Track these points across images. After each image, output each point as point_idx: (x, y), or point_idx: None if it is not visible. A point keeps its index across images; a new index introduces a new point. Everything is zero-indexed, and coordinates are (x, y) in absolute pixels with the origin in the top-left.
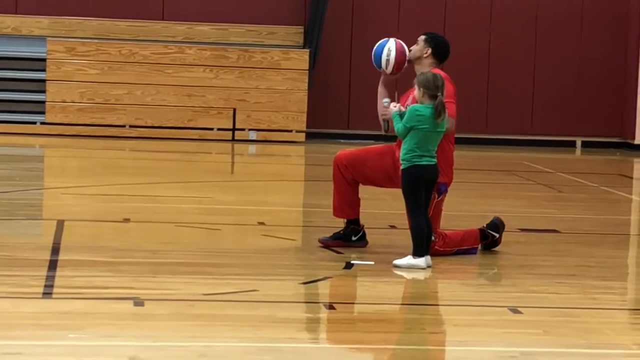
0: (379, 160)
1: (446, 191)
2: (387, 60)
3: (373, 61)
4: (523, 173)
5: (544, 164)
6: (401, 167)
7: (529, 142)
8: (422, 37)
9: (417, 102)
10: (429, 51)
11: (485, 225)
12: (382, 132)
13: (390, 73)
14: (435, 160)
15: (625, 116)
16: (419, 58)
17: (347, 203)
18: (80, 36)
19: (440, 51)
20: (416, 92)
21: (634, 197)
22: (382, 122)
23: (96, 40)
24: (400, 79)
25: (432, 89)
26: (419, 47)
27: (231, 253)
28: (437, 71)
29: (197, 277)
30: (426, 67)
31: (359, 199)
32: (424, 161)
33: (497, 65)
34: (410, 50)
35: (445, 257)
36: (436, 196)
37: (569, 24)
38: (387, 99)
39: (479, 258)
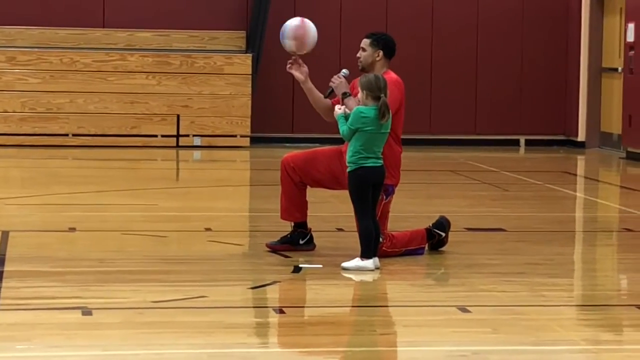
0: (326, 163)
1: (393, 192)
2: (286, 42)
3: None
4: (468, 173)
5: (489, 163)
6: (347, 170)
7: (473, 142)
8: (367, 40)
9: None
10: (380, 53)
11: (431, 225)
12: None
13: (299, 52)
14: (382, 161)
15: (567, 114)
16: (371, 63)
17: (294, 206)
18: (21, 45)
19: (389, 50)
20: (360, 94)
21: (578, 194)
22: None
23: (37, 49)
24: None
25: (375, 91)
26: (369, 53)
27: (179, 260)
28: (392, 76)
29: (145, 285)
30: (380, 70)
31: (306, 202)
32: (370, 163)
33: (439, 66)
34: (358, 58)
35: (393, 258)
36: (384, 197)
37: (509, 23)
38: (345, 70)
39: (427, 258)
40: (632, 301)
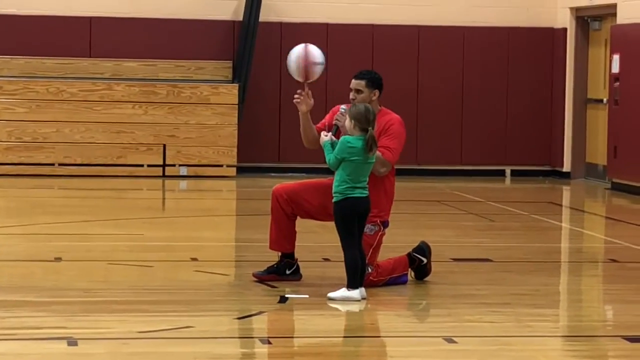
0: (318, 195)
1: (388, 225)
2: (292, 69)
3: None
4: (454, 203)
5: (475, 193)
6: (333, 200)
7: (459, 172)
8: (362, 82)
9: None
10: (377, 93)
11: (411, 250)
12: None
13: (306, 81)
14: (367, 192)
15: (553, 144)
16: (368, 104)
17: (284, 236)
18: (7, 74)
19: (382, 87)
20: (347, 122)
21: (564, 224)
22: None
23: (23, 79)
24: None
25: (364, 123)
26: (366, 94)
27: (164, 290)
28: (394, 116)
29: (131, 315)
30: (376, 109)
31: (295, 233)
32: (357, 193)
33: (425, 97)
34: (353, 100)
35: (379, 289)
36: (381, 228)
37: (496, 54)
38: (344, 106)
39: (413, 289)
40: (618, 332)
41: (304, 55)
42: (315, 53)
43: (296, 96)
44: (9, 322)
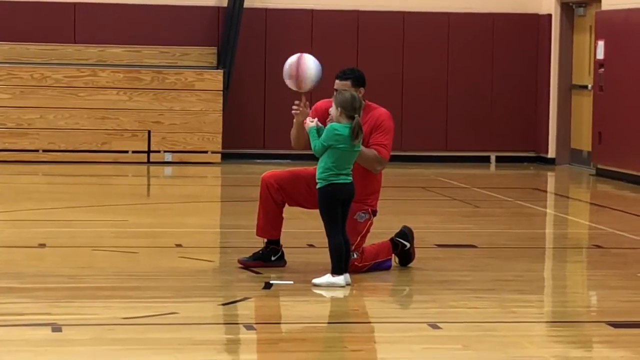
0: (307, 182)
1: (376, 214)
2: (286, 81)
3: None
4: (439, 189)
5: (460, 179)
6: (317, 186)
7: (444, 158)
8: (347, 82)
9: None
10: (362, 90)
11: (394, 235)
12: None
13: (301, 90)
14: (351, 178)
15: (538, 131)
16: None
17: (271, 223)
18: None
19: (365, 84)
20: (332, 109)
21: (548, 210)
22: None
23: (7, 65)
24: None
25: (350, 110)
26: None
27: (149, 276)
28: (382, 110)
29: (115, 301)
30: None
31: (282, 219)
32: (341, 180)
33: (410, 83)
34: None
35: (363, 275)
36: (371, 216)
37: (480, 40)
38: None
39: (397, 274)
40: (602, 318)
41: (296, 64)
42: (309, 63)
43: (294, 107)
44: None
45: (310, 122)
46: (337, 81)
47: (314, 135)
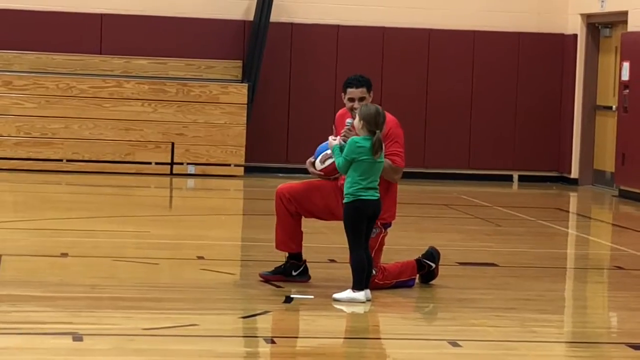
0: (322, 195)
1: (390, 226)
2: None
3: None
4: (461, 207)
5: (482, 198)
6: (344, 201)
7: (467, 177)
8: (363, 89)
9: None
10: (372, 94)
11: (421, 256)
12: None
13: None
14: (379, 194)
15: (561, 151)
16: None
17: (289, 236)
18: (17, 70)
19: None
20: (356, 121)
21: (570, 230)
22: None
23: (33, 74)
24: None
25: (372, 125)
26: (368, 100)
27: (170, 287)
28: (389, 117)
29: (136, 312)
30: None
31: (301, 233)
32: (368, 195)
33: (435, 100)
34: (358, 109)
35: (384, 291)
36: (382, 230)
37: (505, 59)
38: (350, 120)
39: (419, 291)
40: (622, 339)
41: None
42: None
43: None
44: (14, 316)
45: (334, 140)
46: (351, 89)
47: (338, 152)
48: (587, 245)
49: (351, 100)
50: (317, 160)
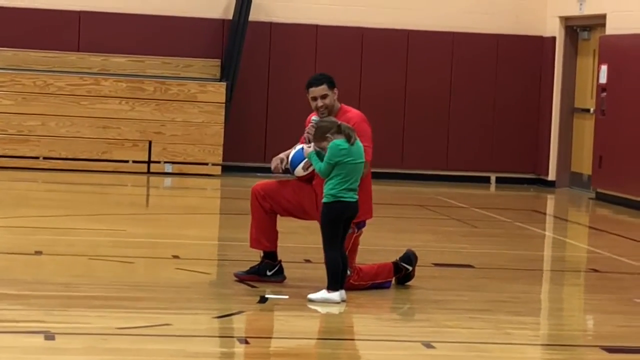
0: (296, 193)
1: (364, 226)
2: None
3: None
4: (438, 208)
5: (459, 199)
6: (323, 200)
7: (444, 178)
8: (324, 86)
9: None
10: (336, 91)
11: (398, 259)
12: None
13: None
14: (357, 197)
15: (538, 153)
16: (333, 105)
17: (264, 235)
18: None
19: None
20: (324, 143)
21: (547, 233)
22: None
23: (10, 71)
24: None
25: (330, 127)
26: (331, 97)
27: (145, 286)
28: (355, 111)
29: (110, 311)
30: (337, 109)
31: (276, 232)
32: (348, 197)
33: (412, 101)
34: (321, 107)
35: (359, 292)
36: (356, 230)
37: (483, 61)
38: (316, 117)
39: (394, 293)
40: (597, 342)
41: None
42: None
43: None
44: None
45: (308, 148)
46: (312, 89)
47: (315, 159)
48: (563, 248)
49: (314, 99)
50: (300, 168)
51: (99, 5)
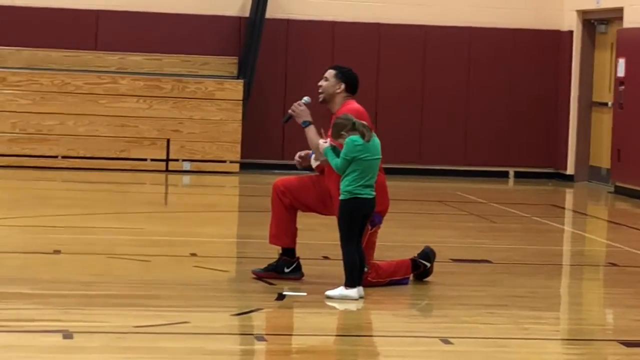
0: (314, 188)
1: (380, 222)
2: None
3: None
4: (456, 204)
5: (477, 194)
6: (340, 197)
7: (462, 173)
8: (332, 72)
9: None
10: (342, 87)
11: (416, 255)
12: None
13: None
14: (374, 193)
15: (557, 147)
16: (332, 94)
17: (283, 231)
18: (12, 66)
19: (352, 85)
20: (343, 140)
21: (565, 227)
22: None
23: (28, 71)
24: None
25: (346, 124)
26: (330, 83)
27: (163, 284)
28: (353, 105)
29: (128, 309)
30: (340, 103)
31: (295, 229)
32: (365, 194)
33: (430, 97)
34: (320, 87)
35: (377, 288)
36: (369, 227)
37: (501, 56)
38: (307, 97)
39: (411, 289)
40: (616, 336)
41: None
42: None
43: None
44: (4, 313)
45: (324, 143)
46: (327, 69)
47: (331, 154)
48: (582, 242)
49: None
50: (312, 159)
51: (116, 4)
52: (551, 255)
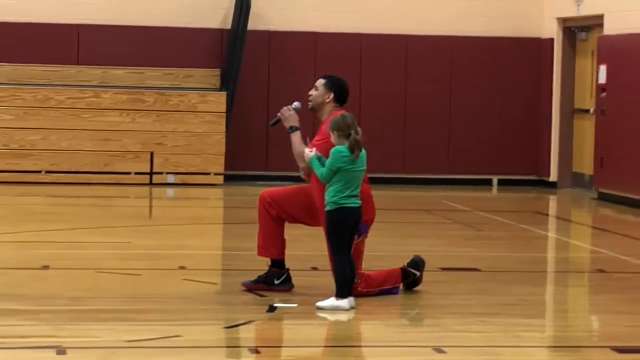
0: (301, 199)
1: (367, 232)
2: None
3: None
4: (442, 212)
5: (462, 202)
6: (326, 209)
7: (447, 181)
8: (322, 81)
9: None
10: (331, 96)
11: (406, 264)
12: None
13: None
14: (360, 202)
15: (540, 154)
16: (320, 104)
17: (271, 242)
18: None
19: (342, 95)
20: (333, 138)
21: (550, 234)
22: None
23: (10, 86)
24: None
25: (345, 129)
26: (320, 93)
27: (153, 298)
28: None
29: (119, 324)
30: (327, 113)
31: (284, 240)
32: (350, 203)
33: (413, 106)
34: (309, 95)
35: (368, 298)
36: (356, 237)
37: (483, 63)
38: (297, 103)
39: (402, 298)
40: (605, 342)
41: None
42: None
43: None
44: None
45: (310, 152)
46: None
47: (317, 164)
48: (567, 249)
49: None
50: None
51: (97, 17)
52: (538, 262)
